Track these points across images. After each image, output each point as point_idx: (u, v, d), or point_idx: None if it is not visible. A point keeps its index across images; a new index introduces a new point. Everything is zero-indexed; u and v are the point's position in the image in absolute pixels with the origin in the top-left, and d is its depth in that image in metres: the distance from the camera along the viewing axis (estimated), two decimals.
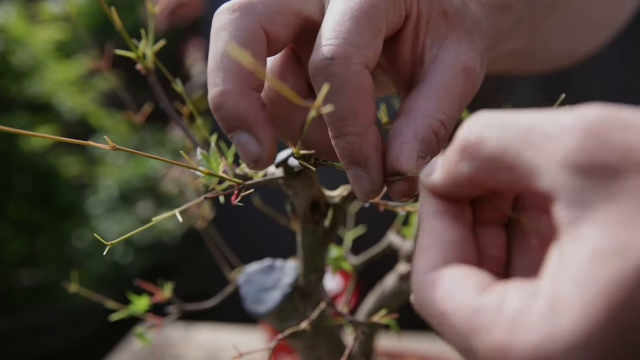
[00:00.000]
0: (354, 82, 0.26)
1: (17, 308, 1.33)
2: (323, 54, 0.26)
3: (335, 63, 0.25)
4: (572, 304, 0.16)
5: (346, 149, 0.27)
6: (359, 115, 0.26)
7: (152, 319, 0.41)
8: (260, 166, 0.27)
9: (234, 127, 0.27)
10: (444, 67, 0.29)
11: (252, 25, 0.27)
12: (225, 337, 0.84)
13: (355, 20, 0.26)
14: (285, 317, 0.36)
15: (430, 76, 0.29)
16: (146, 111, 0.42)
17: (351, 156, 0.27)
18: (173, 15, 1.62)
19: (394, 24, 0.28)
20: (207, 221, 0.46)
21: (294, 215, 0.35)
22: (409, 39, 0.30)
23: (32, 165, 1.33)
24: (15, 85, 1.30)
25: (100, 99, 1.58)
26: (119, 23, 0.31)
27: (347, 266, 0.42)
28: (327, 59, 0.26)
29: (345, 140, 0.26)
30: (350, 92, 0.26)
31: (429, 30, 0.30)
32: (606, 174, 0.17)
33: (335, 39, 0.26)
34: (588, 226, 0.17)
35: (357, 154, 0.27)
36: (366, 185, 0.28)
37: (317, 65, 0.26)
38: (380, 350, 0.61)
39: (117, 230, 1.52)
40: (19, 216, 1.34)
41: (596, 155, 0.17)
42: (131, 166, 1.66)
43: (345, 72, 0.26)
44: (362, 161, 0.27)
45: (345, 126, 0.26)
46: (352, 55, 0.26)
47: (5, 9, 1.36)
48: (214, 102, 0.27)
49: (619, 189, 0.17)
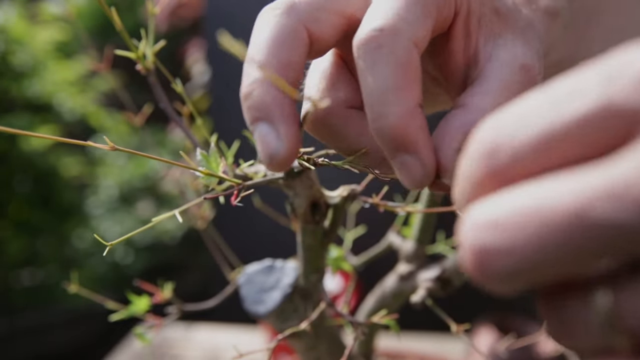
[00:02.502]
0: (401, 57, 0.23)
1: (17, 308, 1.33)
2: (370, 26, 0.24)
3: (384, 35, 0.23)
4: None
5: (388, 133, 0.24)
6: (403, 91, 0.23)
7: (151, 319, 0.41)
8: (277, 164, 0.25)
9: (257, 117, 0.25)
10: (501, 64, 0.27)
11: (293, 24, 0.26)
12: (225, 337, 0.84)
13: (405, 0, 0.24)
14: (285, 317, 0.37)
15: (487, 73, 0.27)
16: (146, 111, 0.42)
17: (395, 141, 0.24)
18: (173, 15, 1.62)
19: (444, 14, 0.27)
20: (207, 221, 0.46)
21: (293, 216, 0.35)
22: (460, 37, 0.28)
23: (32, 165, 1.33)
24: (15, 85, 1.31)
25: (100, 99, 1.58)
26: (119, 23, 0.31)
27: (347, 266, 0.42)
28: (373, 29, 0.24)
29: (387, 122, 0.23)
30: (396, 66, 0.23)
31: (482, 27, 0.28)
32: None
33: (384, 12, 0.24)
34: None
35: (402, 137, 0.24)
36: (417, 172, 0.24)
37: (361, 37, 0.24)
38: (380, 350, 0.61)
39: (117, 230, 1.52)
40: (19, 216, 1.34)
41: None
42: (131, 166, 1.66)
43: (393, 45, 0.23)
44: (409, 145, 0.24)
45: (386, 105, 0.23)
46: (402, 29, 0.24)
47: (5, 9, 1.36)
48: (243, 91, 0.25)
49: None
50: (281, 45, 0.25)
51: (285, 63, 0.25)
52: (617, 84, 0.14)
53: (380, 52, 0.23)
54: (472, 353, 0.72)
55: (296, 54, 0.26)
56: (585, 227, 0.13)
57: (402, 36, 0.24)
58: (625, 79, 0.14)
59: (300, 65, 0.26)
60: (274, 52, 0.25)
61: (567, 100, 0.15)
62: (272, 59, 0.25)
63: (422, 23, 0.25)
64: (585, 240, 0.13)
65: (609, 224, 0.13)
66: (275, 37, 0.26)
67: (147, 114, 0.42)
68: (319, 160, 0.30)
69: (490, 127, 0.16)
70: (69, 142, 0.25)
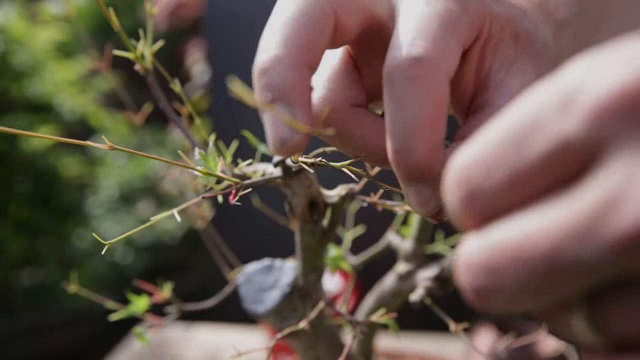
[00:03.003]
0: (437, 91, 0.23)
1: (17, 308, 1.33)
2: (408, 52, 0.23)
3: (424, 65, 0.23)
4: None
5: (411, 166, 0.23)
6: (433, 128, 0.23)
7: (151, 319, 0.41)
8: (287, 149, 0.24)
9: (273, 97, 0.23)
10: (509, 94, 0.27)
11: (323, 5, 0.24)
12: (224, 336, 0.84)
13: (442, 26, 0.23)
14: (284, 316, 0.37)
15: (494, 101, 0.27)
16: (145, 111, 0.42)
17: (416, 174, 0.24)
18: (173, 15, 1.62)
19: (467, 42, 0.26)
20: (207, 221, 0.46)
21: (292, 215, 0.35)
22: (474, 59, 0.27)
23: (32, 165, 1.33)
24: (15, 85, 1.31)
25: (100, 99, 1.58)
26: (117, 23, 0.31)
27: (346, 266, 0.42)
28: (414, 58, 0.23)
29: (411, 155, 0.23)
30: (431, 100, 0.23)
31: (497, 52, 0.27)
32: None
33: (424, 40, 0.23)
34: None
35: (424, 172, 0.23)
36: (431, 202, 0.25)
37: (398, 63, 0.23)
38: (380, 350, 0.61)
39: (117, 230, 1.52)
40: (19, 216, 1.34)
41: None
42: (131, 166, 1.66)
43: (431, 79, 0.23)
44: (429, 178, 0.24)
45: (414, 138, 0.23)
46: (441, 63, 0.23)
47: (5, 9, 1.36)
48: (260, 67, 0.24)
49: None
50: (306, 25, 0.24)
51: (308, 45, 0.24)
52: (572, 116, 0.15)
53: (417, 85, 0.23)
54: (472, 353, 0.72)
55: (321, 38, 0.24)
56: (560, 267, 0.15)
57: (440, 71, 0.23)
58: (580, 110, 0.15)
59: (322, 51, 0.25)
60: (298, 30, 0.24)
61: (528, 141, 0.16)
62: (295, 39, 0.24)
63: (456, 55, 0.24)
64: (563, 276, 0.15)
65: (579, 263, 0.14)
66: (302, 14, 0.24)
67: (147, 114, 0.42)
68: (317, 160, 0.30)
69: (464, 172, 0.18)
70: (69, 142, 0.25)
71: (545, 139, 0.15)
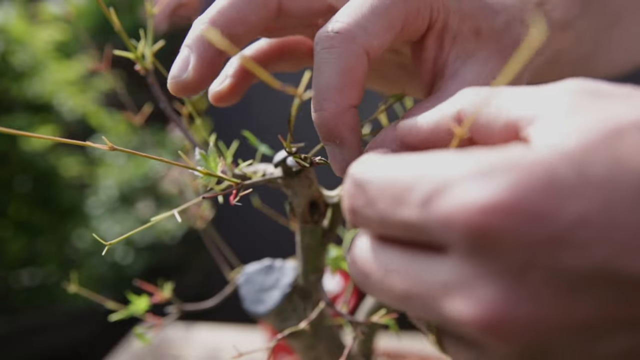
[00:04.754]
0: (348, 60, 0.26)
1: (17, 308, 1.33)
2: (329, 27, 0.27)
3: (338, 37, 0.26)
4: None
5: (321, 124, 0.27)
6: (341, 92, 0.26)
7: (151, 319, 0.41)
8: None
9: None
10: (460, 82, 0.29)
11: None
12: (225, 337, 0.84)
13: (371, 8, 0.27)
14: (284, 316, 0.37)
15: (443, 88, 0.29)
16: (146, 112, 0.42)
17: (326, 132, 0.27)
18: (173, 15, 1.62)
19: (414, 27, 0.29)
20: (207, 221, 0.46)
21: (292, 215, 0.35)
22: (432, 49, 0.30)
23: (32, 165, 1.33)
24: (15, 85, 1.30)
25: (100, 99, 1.58)
26: (117, 23, 0.31)
27: (346, 266, 0.42)
28: (332, 31, 0.26)
29: (321, 115, 0.27)
30: (340, 68, 0.26)
31: (455, 45, 0.30)
32: (598, 94, 0.19)
33: (347, 17, 0.27)
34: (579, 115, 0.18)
35: (331, 130, 0.27)
36: (338, 163, 0.28)
37: (321, 35, 0.27)
38: (380, 350, 0.61)
39: (117, 230, 1.52)
40: (19, 216, 1.34)
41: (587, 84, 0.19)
42: (131, 166, 1.66)
43: (343, 48, 0.26)
44: (337, 139, 0.27)
45: (325, 100, 0.27)
46: (356, 36, 0.26)
47: (5, 9, 1.36)
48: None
49: (607, 101, 0.18)
50: (239, 5, 0.28)
51: (234, 19, 0.28)
52: (431, 210, 0.18)
53: (331, 53, 0.26)
54: None
55: (252, 13, 0.28)
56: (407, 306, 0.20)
57: (354, 43, 0.26)
58: (438, 210, 0.18)
59: (255, 25, 0.29)
60: (224, 10, 0.28)
61: (397, 205, 0.19)
62: (219, 17, 0.28)
63: (380, 35, 0.27)
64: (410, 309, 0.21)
65: (419, 313, 0.20)
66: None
67: (147, 113, 0.42)
68: (317, 159, 0.30)
69: (351, 190, 0.22)
70: (69, 142, 0.25)
71: (408, 214, 0.19)
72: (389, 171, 0.20)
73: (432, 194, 0.18)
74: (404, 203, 0.19)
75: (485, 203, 0.17)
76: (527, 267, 0.17)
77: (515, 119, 0.20)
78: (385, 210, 0.20)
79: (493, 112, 0.21)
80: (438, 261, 0.19)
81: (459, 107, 0.22)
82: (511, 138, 0.20)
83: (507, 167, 0.17)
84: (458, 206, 0.17)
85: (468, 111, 0.22)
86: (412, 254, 0.20)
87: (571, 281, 0.17)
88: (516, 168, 0.17)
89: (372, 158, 0.22)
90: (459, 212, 0.17)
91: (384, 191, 0.20)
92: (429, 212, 0.18)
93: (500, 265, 0.17)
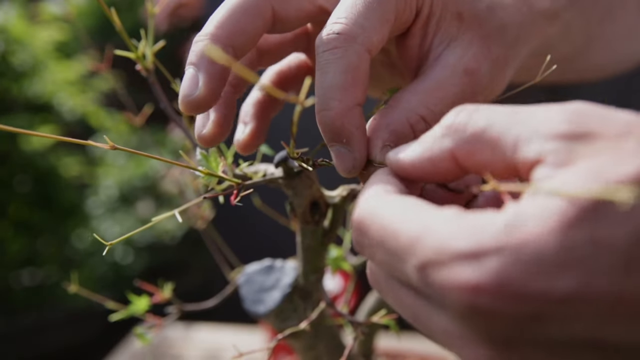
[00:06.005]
0: (351, 59, 0.27)
1: (17, 308, 1.33)
2: (330, 28, 0.27)
3: (340, 38, 0.27)
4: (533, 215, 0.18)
5: (328, 124, 0.27)
6: (346, 91, 0.27)
7: (151, 319, 0.41)
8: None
9: (190, 61, 0.28)
10: (443, 65, 0.30)
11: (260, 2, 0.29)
12: (225, 337, 0.84)
13: (365, 5, 0.27)
14: (285, 317, 0.37)
15: (427, 72, 0.30)
16: (146, 111, 0.42)
17: (333, 132, 0.27)
18: (173, 15, 1.62)
19: (404, 17, 0.29)
20: (207, 221, 0.46)
21: (293, 215, 0.35)
22: (417, 36, 0.31)
23: (32, 165, 1.33)
24: (15, 85, 1.30)
25: (100, 99, 1.58)
26: (119, 23, 0.31)
27: (346, 266, 0.42)
28: (333, 32, 0.27)
29: (327, 115, 0.27)
30: (344, 67, 0.27)
31: (439, 30, 0.30)
32: (587, 138, 0.19)
33: (345, 17, 0.27)
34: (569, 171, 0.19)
35: (338, 130, 0.27)
36: (347, 163, 0.28)
37: (322, 37, 0.27)
38: (380, 350, 0.61)
39: (117, 230, 1.52)
40: (19, 216, 1.34)
41: (579, 125, 0.19)
42: (131, 166, 1.66)
43: (346, 48, 0.27)
44: (344, 138, 0.27)
45: (330, 99, 0.27)
46: (357, 35, 0.27)
47: (5, 9, 1.36)
48: (196, 39, 0.28)
49: (597, 149, 0.19)
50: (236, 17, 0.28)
51: (234, 31, 0.28)
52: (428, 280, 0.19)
53: (333, 54, 0.27)
54: None
55: (249, 23, 0.29)
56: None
57: (356, 42, 0.27)
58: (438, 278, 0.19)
59: (251, 35, 0.29)
60: (222, 23, 0.28)
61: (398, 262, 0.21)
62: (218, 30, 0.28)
63: (378, 30, 0.28)
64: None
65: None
66: (233, 10, 0.29)
67: (147, 113, 0.42)
68: (318, 160, 0.30)
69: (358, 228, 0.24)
70: (70, 141, 0.25)
71: (408, 272, 0.20)
72: (390, 225, 0.21)
73: (429, 263, 0.19)
74: (403, 261, 0.21)
75: (476, 285, 0.18)
76: (514, 337, 0.18)
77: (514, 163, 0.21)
78: (386, 260, 0.22)
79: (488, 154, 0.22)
80: (438, 310, 0.21)
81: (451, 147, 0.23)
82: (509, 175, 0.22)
83: (496, 249, 0.18)
84: (452, 282, 0.19)
85: (460, 154, 0.22)
86: (415, 294, 0.22)
87: (557, 349, 0.18)
88: (504, 251, 0.18)
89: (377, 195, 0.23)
90: (453, 288, 0.19)
91: (383, 244, 0.21)
92: (427, 277, 0.20)
93: (492, 333, 0.19)
